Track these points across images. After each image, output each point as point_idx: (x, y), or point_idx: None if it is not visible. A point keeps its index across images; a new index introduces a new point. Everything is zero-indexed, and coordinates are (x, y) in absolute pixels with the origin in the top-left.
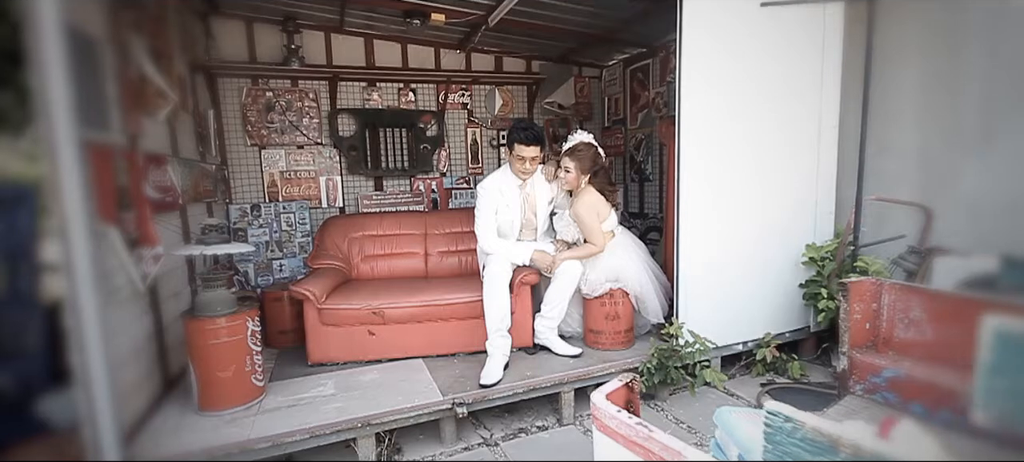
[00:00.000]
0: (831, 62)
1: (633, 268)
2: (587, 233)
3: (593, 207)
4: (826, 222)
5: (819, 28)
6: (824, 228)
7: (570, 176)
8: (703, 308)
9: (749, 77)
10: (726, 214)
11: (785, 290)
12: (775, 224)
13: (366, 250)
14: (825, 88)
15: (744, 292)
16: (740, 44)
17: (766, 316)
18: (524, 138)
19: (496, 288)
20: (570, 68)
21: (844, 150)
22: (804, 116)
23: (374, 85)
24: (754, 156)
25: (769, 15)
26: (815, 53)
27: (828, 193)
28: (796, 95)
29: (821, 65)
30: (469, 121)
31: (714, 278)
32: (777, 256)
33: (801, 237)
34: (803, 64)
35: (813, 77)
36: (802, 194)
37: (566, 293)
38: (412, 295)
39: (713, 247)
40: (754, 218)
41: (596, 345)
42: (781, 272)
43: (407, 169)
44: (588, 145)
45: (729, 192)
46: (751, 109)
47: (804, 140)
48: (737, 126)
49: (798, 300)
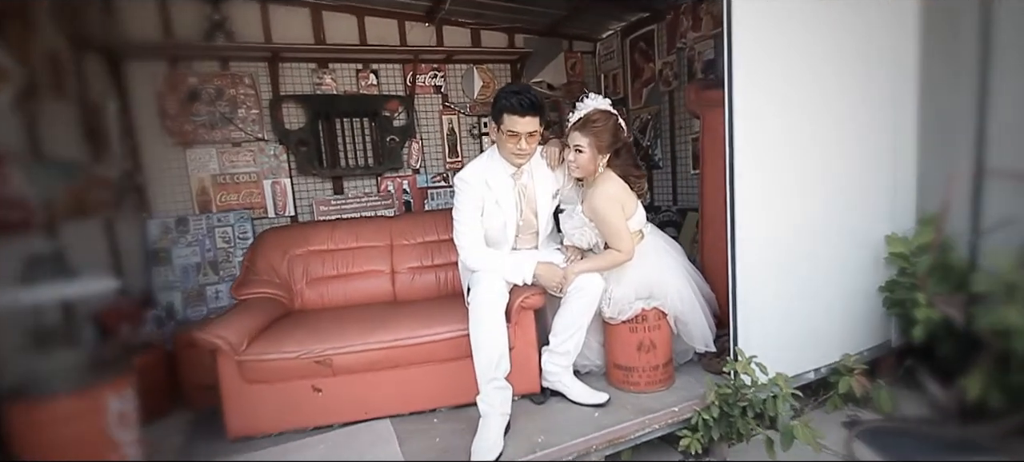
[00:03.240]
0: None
1: (672, 279)
2: (609, 235)
3: (616, 199)
4: (906, 207)
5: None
6: (903, 215)
7: (583, 158)
8: (766, 327)
9: (808, 30)
10: (789, 202)
11: (860, 296)
12: (846, 212)
13: (312, 271)
14: (899, 37)
15: (813, 302)
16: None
17: (839, 331)
18: (516, 105)
19: (486, 320)
20: (559, 42)
21: (926, 117)
22: (876, 76)
23: (325, 66)
24: (818, 126)
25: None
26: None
27: (908, 171)
28: (865, 47)
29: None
30: (444, 107)
31: (777, 285)
32: (849, 252)
33: (876, 227)
34: (870, 11)
35: (884, 25)
36: (876, 173)
37: (583, 318)
38: (373, 331)
39: (776, 245)
40: (820, 204)
41: (626, 385)
42: (855, 273)
43: (372, 167)
44: (605, 114)
45: (791, 173)
46: (813, 71)
47: (876, 106)
48: (796, 93)
49: (876, 307)
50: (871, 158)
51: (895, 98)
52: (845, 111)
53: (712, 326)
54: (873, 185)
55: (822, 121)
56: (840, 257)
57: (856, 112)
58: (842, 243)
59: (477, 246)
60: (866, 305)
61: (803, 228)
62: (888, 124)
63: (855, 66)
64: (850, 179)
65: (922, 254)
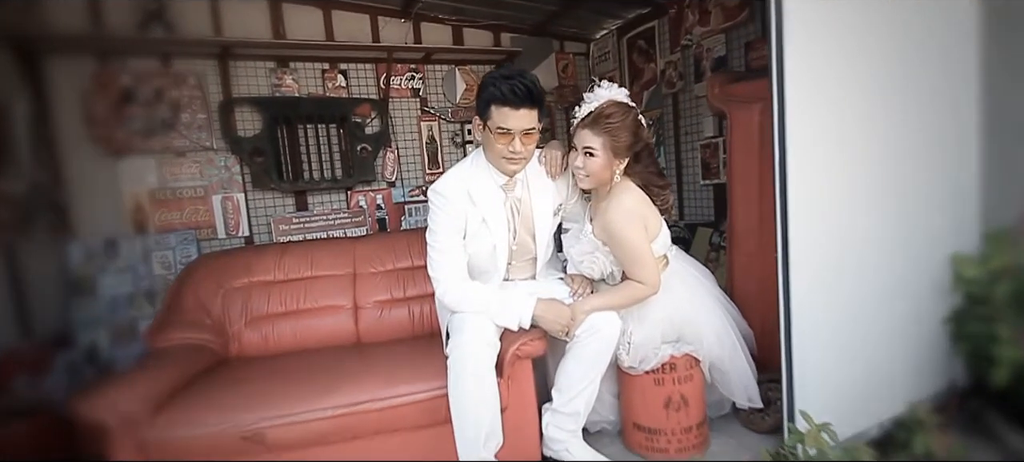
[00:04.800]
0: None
1: (707, 317)
2: (629, 263)
3: (637, 215)
4: (969, 221)
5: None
6: (968, 231)
7: (594, 164)
8: (821, 371)
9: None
10: (841, 216)
11: (923, 327)
12: (905, 226)
13: (255, 307)
14: (957, 37)
15: (872, 338)
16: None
17: (901, 373)
18: (508, 94)
19: (470, 378)
20: (550, 42)
21: (991, 119)
22: (933, 72)
23: (286, 65)
24: (872, 127)
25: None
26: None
27: (970, 180)
28: (922, 38)
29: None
30: (423, 112)
31: (833, 318)
32: (908, 275)
33: (938, 244)
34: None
35: (943, 24)
36: (936, 182)
37: (596, 369)
38: (325, 391)
39: (829, 268)
40: (876, 218)
41: (649, 452)
42: (915, 300)
43: (340, 179)
44: (623, 107)
45: (843, 181)
46: (867, 64)
47: (934, 106)
48: (845, 91)
49: (938, 341)
50: (931, 165)
51: (955, 100)
52: (901, 111)
53: (754, 373)
54: (934, 196)
55: (876, 121)
56: (900, 281)
57: (912, 113)
58: (900, 263)
59: (458, 279)
60: (929, 339)
61: (858, 247)
62: (948, 128)
63: (909, 53)
64: (910, 188)
65: (998, 279)
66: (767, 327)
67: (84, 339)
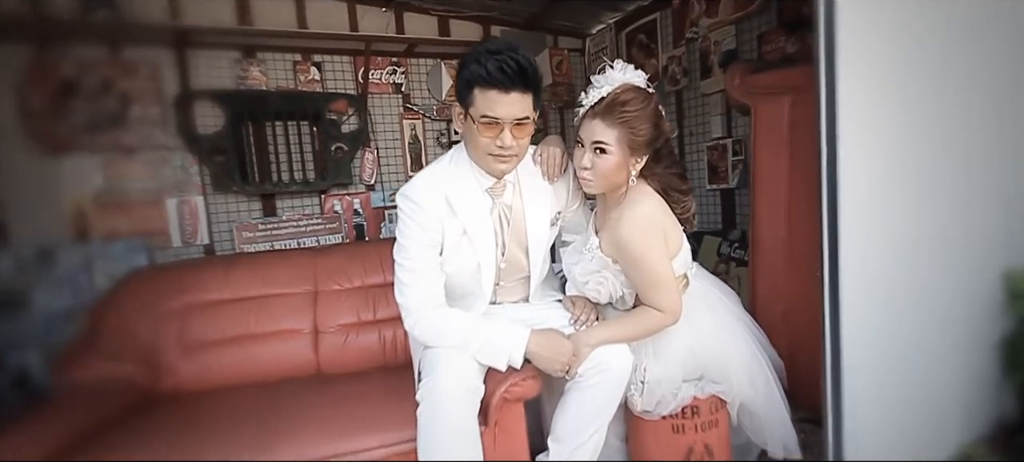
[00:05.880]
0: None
1: (736, 351)
2: (645, 285)
3: (657, 227)
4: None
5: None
6: (1021, 242)
7: (606, 163)
8: (876, 416)
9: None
10: (893, 225)
11: (975, 353)
12: (962, 242)
13: (193, 333)
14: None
15: (927, 375)
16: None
17: (953, 406)
18: (496, 73)
19: (445, 429)
20: (542, 37)
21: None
22: (995, 71)
23: (252, 55)
24: (926, 128)
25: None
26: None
27: (1022, 185)
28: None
29: None
30: (406, 110)
31: (883, 347)
32: (959, 293)
33: (991, 260)
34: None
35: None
36: (988, 188)
37: (603, 415)
38: (269, 444)
39: (880, 287)
40: (931, 232)
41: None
42: (967, 322)
43: (313, 182)
44: (642, 93)
45: (898, 188)
46: (924, 57)
47: (995, 107)
48: (898, 85)
49: (990, 369)
50: (987, 170)
51: (1016, 103)
52: (960, 112)
53: (790, 414)
54: (989, 206)
55: (932, 121)
56: (954, 303)
57: (973, 115)
58: (954, 283)
59: (432, 306)
60: (980, 369)
61: (912, 264)
62: (1006, 132)
63: (975, 61)
64: (963, 194)
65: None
66: (796, 355)
67: (12, 362)
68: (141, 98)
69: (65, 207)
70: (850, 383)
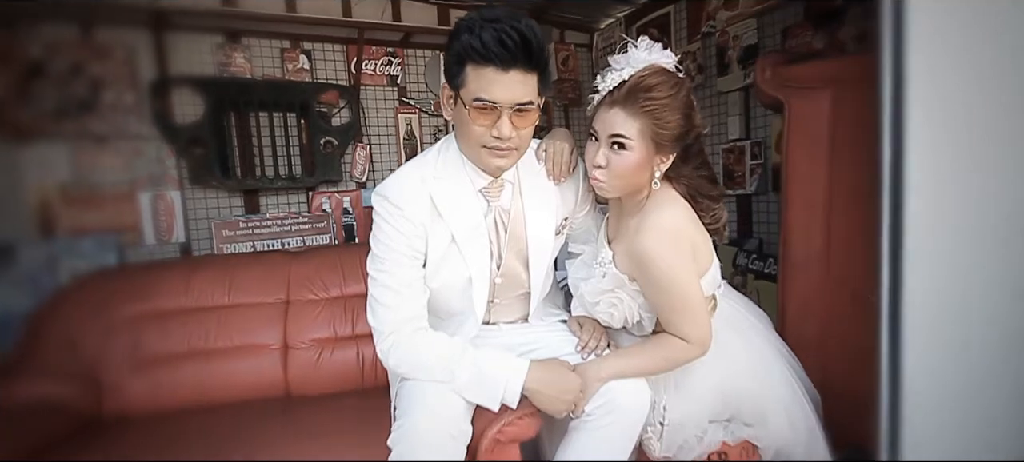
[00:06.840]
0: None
1: (773, 388)
2: (671, 309)
3: (686, 241)
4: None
5: None
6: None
7: (625, 162)
8: (944, 451)
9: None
10: (971, 248)
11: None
12: (1014, 239)
13: (145, 346)
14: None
15: (992, 414)
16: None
17: (1011, 435)
18: (492, 46)
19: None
20: (549, 31)
21: None
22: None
23: (237, 40)
24: (1000, 133)
25: None
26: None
27: None
28: None
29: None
30: (401, 103)
31: (956, 390)
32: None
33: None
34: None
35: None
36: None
37: (614, 456)
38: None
39: (952, 327)
40: (1004, 252)
41: None
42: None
43: (300, 178)
44: (672, 78)
45: (970, 199)
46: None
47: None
48: (972, 81)
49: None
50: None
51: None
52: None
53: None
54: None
55: (1008, 124)
56: (1011, 315)
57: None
58: (1007, 288)
59: (412, 328)
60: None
61: (983, 289)
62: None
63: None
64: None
65: None
66: (830, 383)
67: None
68: (114, 83)
69: (28, 199)
70: (911, 421)
